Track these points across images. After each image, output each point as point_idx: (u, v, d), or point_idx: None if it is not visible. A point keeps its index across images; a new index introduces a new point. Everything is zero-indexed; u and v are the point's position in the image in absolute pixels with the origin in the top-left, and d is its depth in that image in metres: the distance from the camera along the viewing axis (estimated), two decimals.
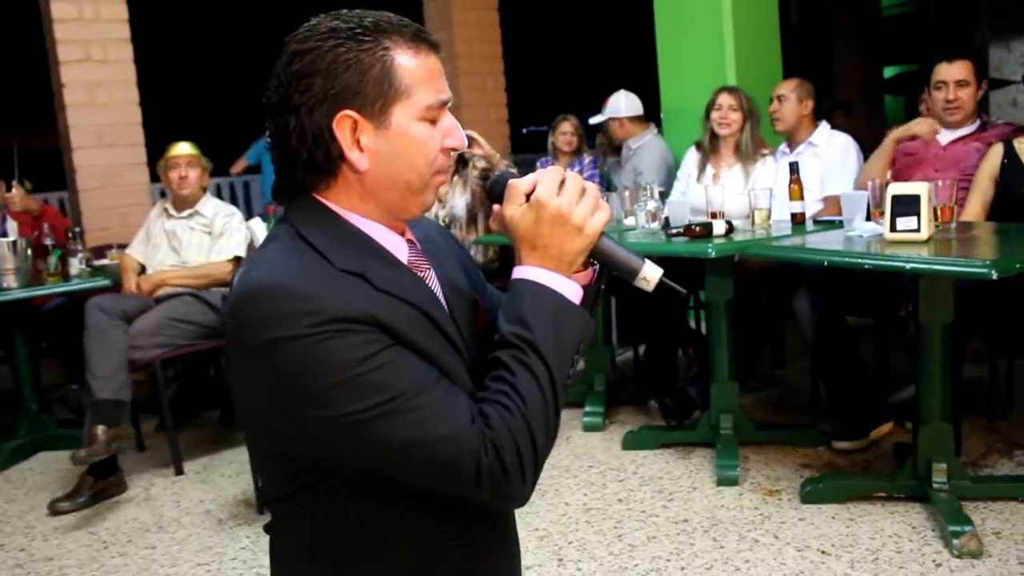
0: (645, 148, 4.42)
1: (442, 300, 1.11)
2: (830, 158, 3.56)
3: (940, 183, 2.57)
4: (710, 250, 2.69)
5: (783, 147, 3.80)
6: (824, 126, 3.68)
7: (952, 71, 3.14)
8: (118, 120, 4.89)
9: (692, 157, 3.97)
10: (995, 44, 12.29)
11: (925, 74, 3.34)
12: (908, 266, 2.14)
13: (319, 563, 1.07)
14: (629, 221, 3.43)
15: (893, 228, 2.37)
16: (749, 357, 3.49)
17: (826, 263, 2.37)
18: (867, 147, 3.71)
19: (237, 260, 3.66)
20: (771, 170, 3.73)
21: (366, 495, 1.02)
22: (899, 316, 3.04)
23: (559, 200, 1.02)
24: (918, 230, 2.34)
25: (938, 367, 2.44)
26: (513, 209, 1.05)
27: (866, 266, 2.30)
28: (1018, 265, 1.99)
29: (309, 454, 0.99)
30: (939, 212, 2.52)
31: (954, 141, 3.19)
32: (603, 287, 1.15)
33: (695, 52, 4.47)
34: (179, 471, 3.41)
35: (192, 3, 12.06)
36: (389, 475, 0.98)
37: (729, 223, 2.92)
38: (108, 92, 4.86)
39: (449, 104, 1.06)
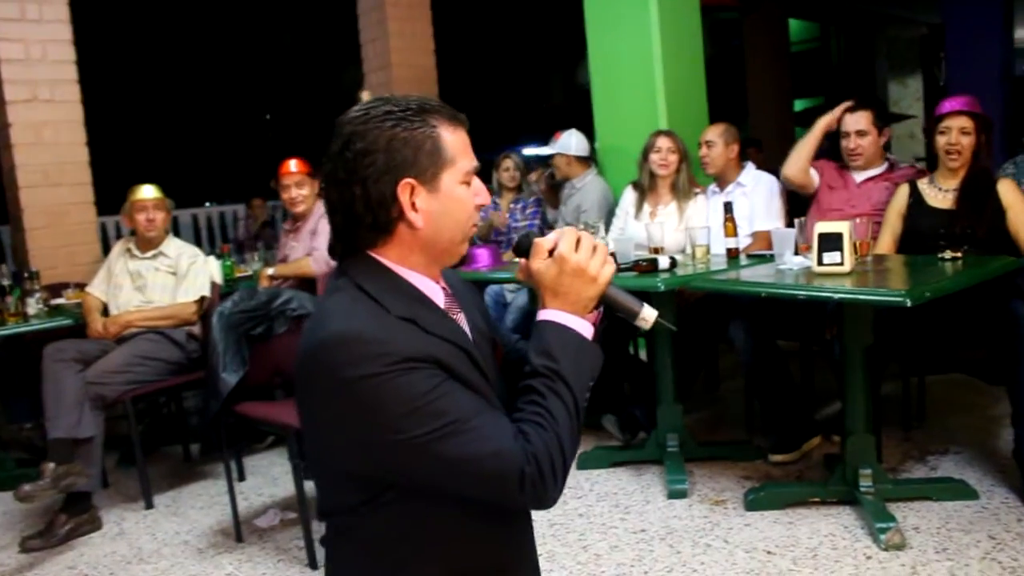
0: (588, 187, 4.68)
1: (470, 338, 1.33)
2: (757, 197, 3.88)
3: (858, 221, 2.92)
4: (659, 284, 2.96)
5: (713, 186, 4.13)
6: (750, 167, 4.02)
7: (851, 122, 3.53)
8: (65, 160, 4.93)
9: (630, 196, 4.26)
10: (893, 81, 13.17)
11: (830, 107, 3.72)
12: (836, 296, 2.46)
13: (377, 567, 1.27)
14: None
15: (820, 262, 2.70)
16: (689, 380, 3.78)
17: (763, 294, 2.67)
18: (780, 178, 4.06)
19: (201, 300, 3.78)
20: (703, 207, 4.04)
21: (417, 506, 1.23)
22: (825, 339, 3.37)
23: (578, 256, 1.26)
24: (842, 264, 2.67)
25: (861, 384, 2.76)
26: (539, 263, 1.28)
27: (800, 297, 2.61)
28: (927, 293, 2.31)
29: (380, 471, 1.20)
30: (857, 247, 2.86)
31: (866, 180, 3.57)
32: (605, 324, 1.39)
33: (628, 98, 4.76)
34: (149, 504, 3.50)
35: (137, 46, 12.07)
36: (448, 487, 1.18)
37: (672, 258, 3.20)
38: (55, 132, 4.90)
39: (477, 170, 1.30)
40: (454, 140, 1.25)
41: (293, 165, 4.21)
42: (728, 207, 3.45)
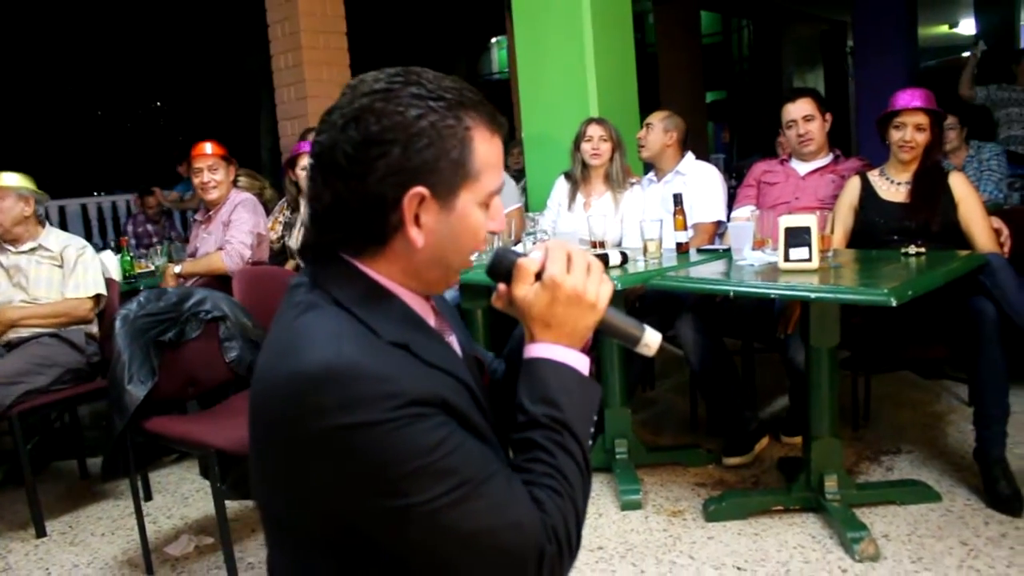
0: None
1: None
2: (698, 187, 3.73)
3: (817, 214, 2.78)
4: (616, 283, 2.76)
5: (651, 175, 3.97)
6: (690, 156, 3.87)
7: (797, 109, 3.45)
8: None
9: (562, 187, 4.05)
10: (798, 77, 13.43)
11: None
12: (814, 295, 2.29)
13: None
14: (518, 249, 3.45)
15: (787, 258, 2.54)
16: (634, 382, 3.60)
17: (732, 294, 2.49)
18: None
19: (97, 298, 3.39)
20: (639, 198, 3.86)
21: None
22: (775, 338, 3.23)
23: (573, 280, 1.04)
24: (809, 259, 2.52)
25: (827, 386, 2.63)
26: (524, 289, 1.05)
27: (772, 295, 2.45)
28: (910, 292, 2.18)
29: (369, 543, 0.94)
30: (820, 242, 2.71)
31: (811, 172, 3.47)
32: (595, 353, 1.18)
33: (557, 84, 4.55)
34: (41, 532, 3.09)
35: (22, 28, 11.27)
36: (450, 564, 0.94)
37: (623, 253, 3.01)
38: None
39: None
40: (487, 151, 1.01)
41: (208, 147, 3.84)
42: (678, 199, 3.28)
